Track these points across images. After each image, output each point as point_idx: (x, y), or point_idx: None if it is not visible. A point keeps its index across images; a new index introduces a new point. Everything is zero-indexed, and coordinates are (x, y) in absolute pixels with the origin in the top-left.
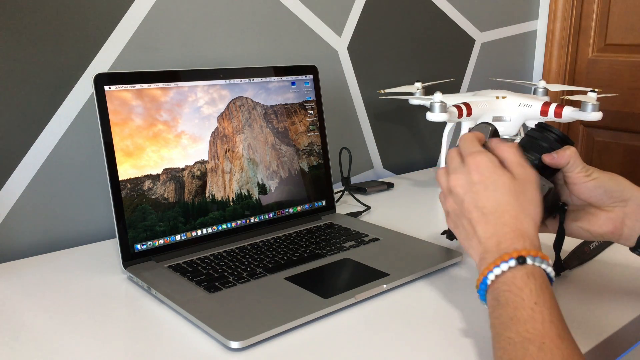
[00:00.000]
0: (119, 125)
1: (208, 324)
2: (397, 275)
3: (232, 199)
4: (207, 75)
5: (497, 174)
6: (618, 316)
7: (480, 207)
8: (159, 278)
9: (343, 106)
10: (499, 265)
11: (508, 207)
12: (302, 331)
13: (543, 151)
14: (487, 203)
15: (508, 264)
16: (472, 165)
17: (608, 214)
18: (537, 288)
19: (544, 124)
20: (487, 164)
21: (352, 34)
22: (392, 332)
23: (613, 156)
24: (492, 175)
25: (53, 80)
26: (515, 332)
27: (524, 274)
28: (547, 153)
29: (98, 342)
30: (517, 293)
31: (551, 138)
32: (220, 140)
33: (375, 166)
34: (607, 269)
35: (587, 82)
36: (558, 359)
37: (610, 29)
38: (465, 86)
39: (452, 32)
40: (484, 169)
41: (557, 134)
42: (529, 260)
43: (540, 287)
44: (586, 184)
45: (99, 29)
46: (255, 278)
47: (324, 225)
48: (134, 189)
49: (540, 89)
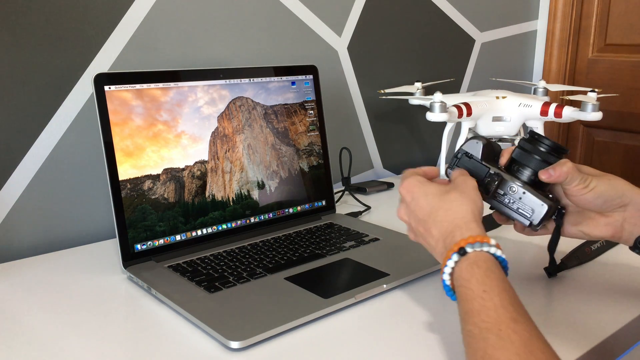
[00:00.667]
0: (119, 125)
1: (208, 324)
2: (397, 275)
3: (232, 199)
4: (207, 75)
5: (423, 185)
6: (617, 317)
7: (420, 218)
8: (159, 278)
9: (343, 106)
10: (446, 264)
11: (440, 204)
12: (302, 331)
13: (537, 164)
14: (422, 212)
15: (453, 260)
16: (402, 192)
17: (607, 219)
18: (482, 275)
19: (535, 133)
20: (412, 182)
21: (352, 34)
22: (392, 332)
23: (613, 156)
24: (419, 189)
25: (53, 80)
26: (472, 324)
27: (468, 265)
28: (543, 169)
29: (98, 342)
30: (466, 285)
31: (544, 149)
32: (220, 140)
33: (375, 166)
34: (606, 269)
35: (587, 82)
36: (518, 344)
37: (610, 29)
38: (465, 86)
39: (452, 32)
40: (411, 187)
41: (549, 145)
42: (469, 249)
43: (485, 274)
44: (585, 196)
45: (99, 29)
46: (255, 278)
47: (324, 225)
48: (134, 189)
49: (540, 89)
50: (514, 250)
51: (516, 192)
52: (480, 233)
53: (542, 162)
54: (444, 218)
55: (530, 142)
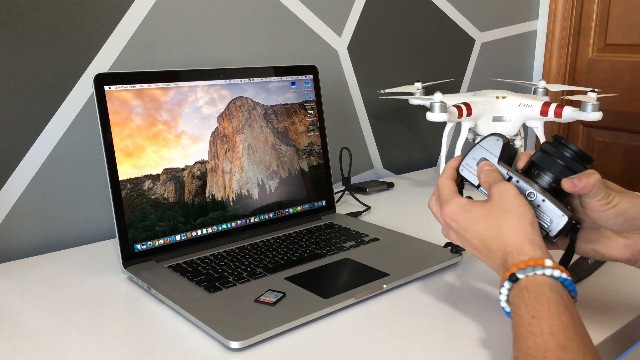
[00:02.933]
0: (119, 125)
1: (208, 324)
2: (397, 275)
3: (232, 199)
4: (207, 75)
5: (466, 212)
6: (617, 317)
7: (476, 247)
8: (159, 278)
9: (343, 106)
10: (500, 292)
11: (490, 232)
12: (302, 331)
13: (560, 171)
14: (476, 241)
15: (505, 288)
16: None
17: (626, 240)
18: (532, 300)
19: (560, 137)
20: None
21: (352, 34)
22: (392, 332)
23: (613, 156)
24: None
25: (53, 80)
26: (518, 350)
27: (518, 291)
28: (566, 177)
29: (98, 342)
30: (516, 311)
31: (569, 155)
32: (220, 140)
33: (375, 166)
34: (604, 269)
35: (587, 82)
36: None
37: (610, 29)
38: (465, 86)
39: (452, 32)
40: (455, 215)
41: (575, 151)
42: (520, 275)
43: (535, 298)
44: (605, 213)
45: (99, 29)
46: (255, 278)
47: (324, 225)
48: (134, 189)
49: (540, 89)
50: None
51: (535, 199)
52: (534, 255)
53: (566, 169)
54: (497, 247)
55: (554, 146)
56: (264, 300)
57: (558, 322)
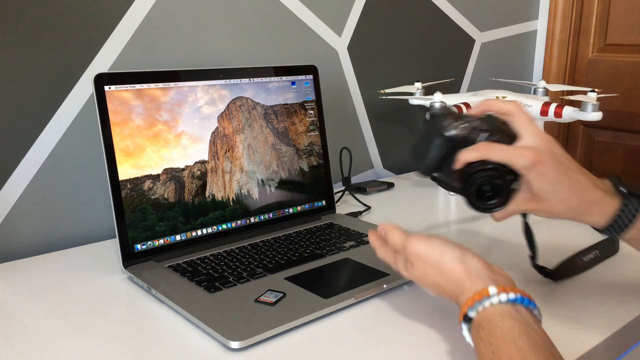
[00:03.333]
0: (119, 125)
1: (208, 324)
2: (397, 275)
3: (232, 199)
4: (207, 75)
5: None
6: (617, 317)
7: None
8: (159, 278)
9: (343, 106)
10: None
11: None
12: (302, 331)
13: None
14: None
15: (465, 330)
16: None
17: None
18: (488, 336)
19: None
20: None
21: (352, 34)
22: (392, 332)
23: (613, 156)
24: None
25: (53, 80)
26: None
27: (474, 329)
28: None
29: (98, 342)
30: (477, 350)
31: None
32: (220, 140)
33: (375, 166)
34: (601, 269)
35: (587, 82)
36: None
37: (610, 29)
38: (465, 86)
39: (452, 32)
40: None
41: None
42: (471, 313)
43: (490, 333)
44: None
45: (99, 29)
46: (255, 278)
47: (324, 225)
48: (134, 189)
49: (540, 89)
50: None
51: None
52: (476, 288)
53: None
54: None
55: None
56: (264, 300)
57: (516, 351)
